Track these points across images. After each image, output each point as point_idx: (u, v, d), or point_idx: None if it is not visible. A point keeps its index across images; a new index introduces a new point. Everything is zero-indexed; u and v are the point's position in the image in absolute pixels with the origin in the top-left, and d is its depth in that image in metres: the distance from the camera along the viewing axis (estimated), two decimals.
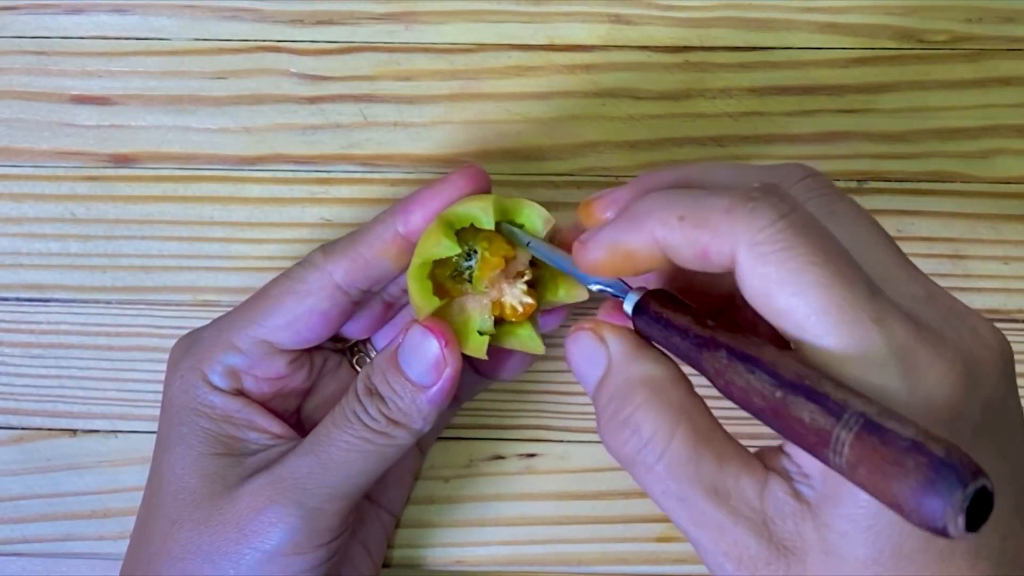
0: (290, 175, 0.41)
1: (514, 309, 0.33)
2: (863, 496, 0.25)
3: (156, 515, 0.34)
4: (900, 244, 0.40)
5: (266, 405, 0.35)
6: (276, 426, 0.34)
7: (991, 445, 0.26)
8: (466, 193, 0.33)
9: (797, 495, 0.26)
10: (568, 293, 0.34)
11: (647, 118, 0.40)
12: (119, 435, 0.41)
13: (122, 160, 0.41)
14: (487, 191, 0.34)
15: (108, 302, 0.41)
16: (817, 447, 0.24)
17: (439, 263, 0.33)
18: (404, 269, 0.34)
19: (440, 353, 0.32)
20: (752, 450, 0.28)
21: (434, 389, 0.32)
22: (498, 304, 0.33)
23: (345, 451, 0.32)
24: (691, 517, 0.27)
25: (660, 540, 0.40)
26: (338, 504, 0.32)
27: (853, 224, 0.29)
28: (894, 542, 0.25)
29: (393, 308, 0.37)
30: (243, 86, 0.41)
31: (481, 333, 0.33)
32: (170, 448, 0.34)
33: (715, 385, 0.27)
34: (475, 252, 0.33)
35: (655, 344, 0.30)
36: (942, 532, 0.22)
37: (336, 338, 0.36)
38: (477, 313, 0.33)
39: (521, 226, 0.33)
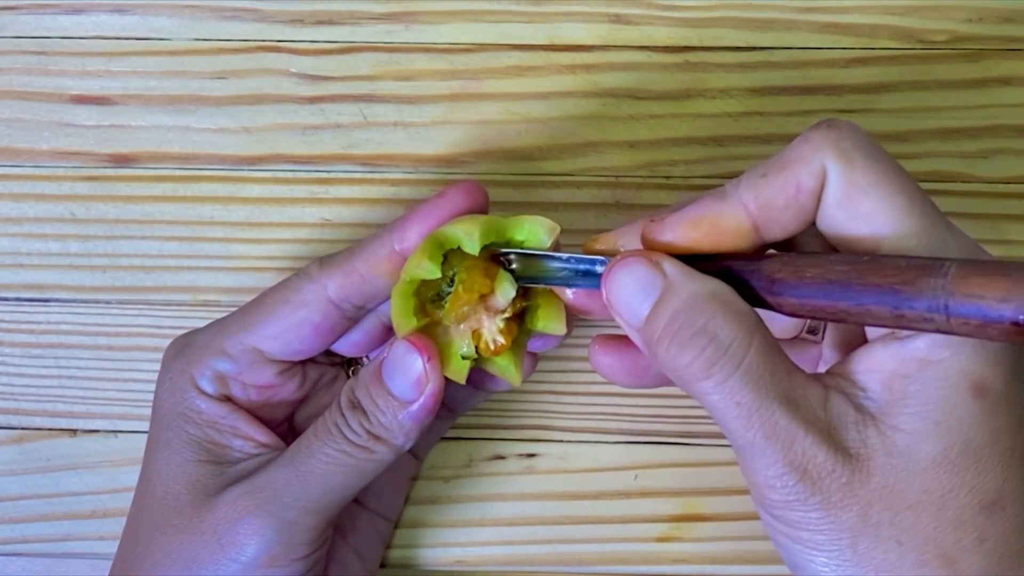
0: (290, 175, 0.41)
1: (487, 345, 0.32)
2: (937, 391, 0.26)
3: (142, 518, 0.34)
4: None
5: (254, 413, 0.35)
6: (261, 434, 0.34)
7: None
8: (463, 210, 0.33)
9: (858, 406, 0.27)
10: (546, 325, 0.33)
11: (647, 118, 0.40)
12: (119, 435, 0.41)
13: (122, 160, 0.41)
14: (484, 206, 0.33)
15: (108, 302, 0.41)
16: (917, 279, 0.25)
17: (427, 283, 0.32)
18: None
19: (423, 369, 0.31)
20: None
21: (416, 406, 0.32)
22: (477, 334, 0.32)
23: (325, 464, 0.32)
24: (764, 428, 0.27)
25: (660, 540, 0.40)
26: (315, 518, 0.32)
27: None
28: (964, 437, 0.26)
29: (391, 329, 0.36)
30: (243, 86, 0.41)
31: (463, 358, 0.33)
32: (157, 452, 0.34)
33: (774, 286, 0.28)
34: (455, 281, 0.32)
35: None
36: None
37: (333, 353, 0.36)
38: (459, 337, 0.33)
39: (521, 243, 0.32)
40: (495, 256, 0.32)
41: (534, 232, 0.32)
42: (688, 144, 0.40)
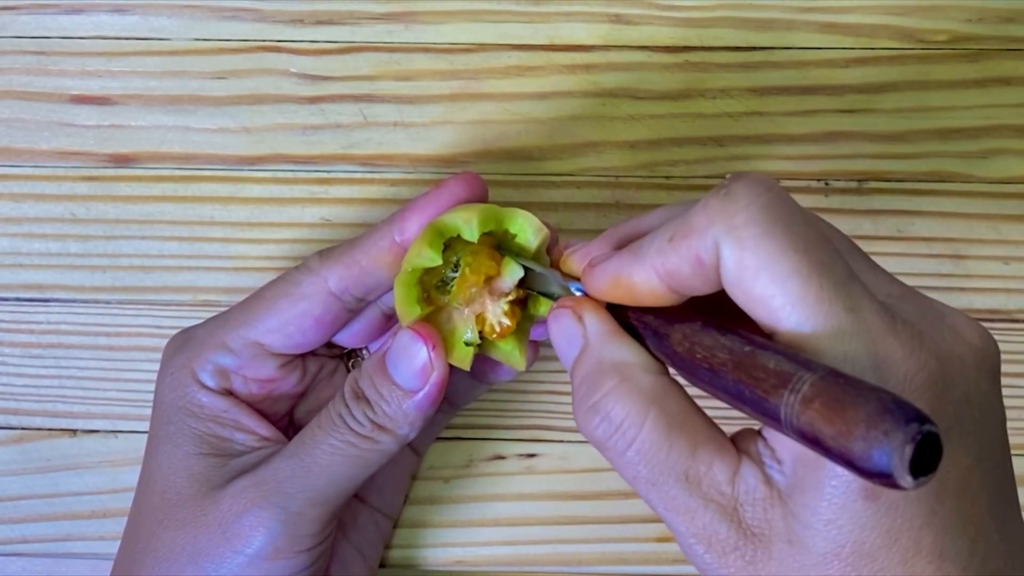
0: (290, 175, 0.41)
1: (492, 328, 0.33)
2: (828, 488, 0.25)
3: (144, 514, 0.34)
4: (900, 244, 0.40)
5: (256, 407, 0.35)
6: (263, 428, 0.34)
7: (964, 445, 0.26)
8: (461, 200, 0.33)
9: (768, 481, 0.26)
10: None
11: (647, 118, 0.40)
12: (119, 435, 0.41)
13: (122, 160, 0.41)
14: (483, 198, 0.34)
15: (108, 302, 0.41)
16: (774, 389, 0.24)
17: (429, 271, 0.32)
18: None
19: (427, 358, 0.32)
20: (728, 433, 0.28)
21: (421, 394, 0.32)
22: (481, 318, 0.33)
23: (329, 455, 0.32)
24: (663, 501, 0.27)
25: (660, 540, 0.40)
26: (320, 509, 0.32)
27: (825, 225, 0.29)
28: (856, 538, 0.25)
29: (392, 319, 0.37)
30: (243, 86, 0.41)
31: (467, 344, 0.33)
32: (159, 447, 0.34)
33: (675, 358, 0.27)
34: (459, 265, 0.32)
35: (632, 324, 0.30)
36: (888, 478, 0.21)
37: (333, 345, 0.36)
38: (463, 324, 0.33)
39: (514, 236, 0.33)
40: (497, 245, 0.33)
41: (523, 229, 0.33)
42: (688, 144, 0.40)
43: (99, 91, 0.41)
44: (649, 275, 0.28)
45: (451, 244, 0.32)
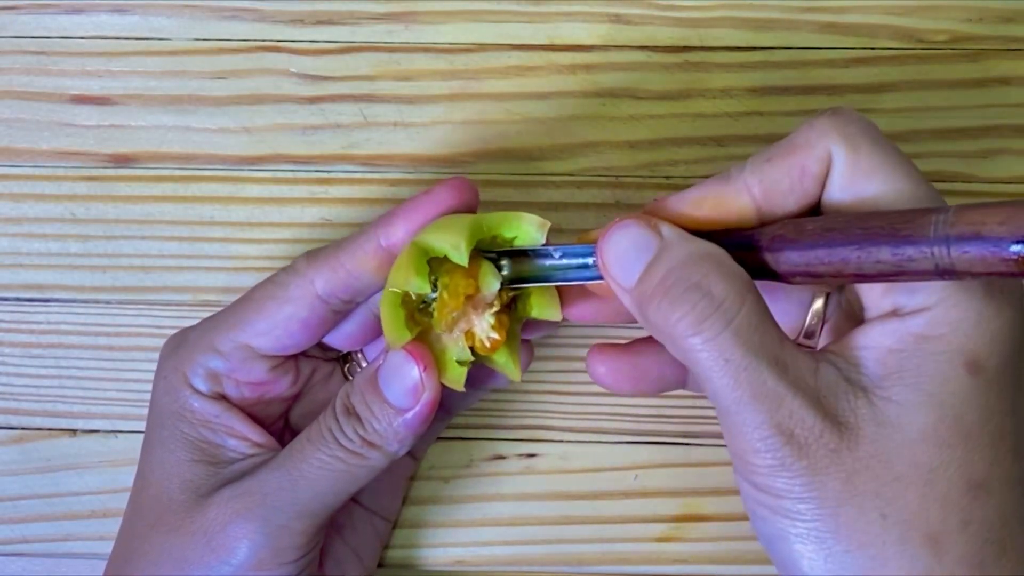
0: (290, 175, 0.41)
1: (482, 343, 0.32)
2: (933, 363, 0.27)
3: (138, 515, 0.34)
4: None
5: (249, 411, 0.35)
6: (256, 434, 0.34)
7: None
8: (451, 208, 0.33)
9: (849, 379, 0.27)
10: (540, 311, 0.33)
11: (647, 118, 0.40)
12: (119, 435, 0.41)
13: (122, 160, 0.41)
14: (474, 205, 0.33)
15: (108, 302, 0.41)
16: (913, 223, 0.25)
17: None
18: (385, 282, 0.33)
19: (419, 379, 0.31)
20: None
21: (411, 414, 0.31)
22: (470, 335, 0.32)
23: (317, 468, 0.32)
24: (751, 387, 0.27)
25: (660, 540, 0.40)
26: (305, 523, 0.32)
27: None
28: (955, 412, 0.27)
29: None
30: (243, 86, 0.41)
31: (459, 363, 0.32)
32: (152, 450, 0.34)
33: (769, 250, 0.28)
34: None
35: None
36: None
37: (327, 347, 0.36)
38: (452, 343, 0.32)
39: (511, 240, 0.32)
40: (481, 251, 0.32)
41: (526, 231, 0.32)
42: (688, 144, 0.40)
43: (99, 91, 0.41)
44: (740, 193, 0.29)
45: (431, 262, 0.32)
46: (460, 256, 0.31)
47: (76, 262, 0.41)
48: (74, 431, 0.41)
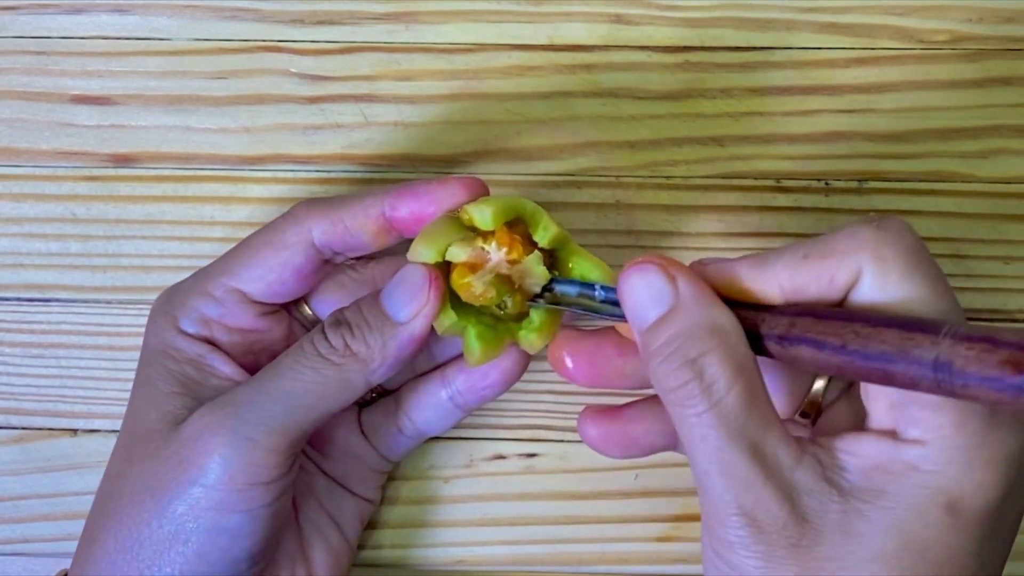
0: (290, 175, 0.41)
1: (523, 290, 0.33)
2: (913, 494, 0.27)
3: (116, 453, 0.34)
4: None
5: (240, 361, 0.35)
6: (239, 374, 0.34)
7: (1019, 498, 0.28)
8: (462, 201, 0.33)
9: (828, 479, 0.28)
10: (530, 335, 0.34)
11: (647, 118, 0.40)
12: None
13: (122, 160, 0.41)
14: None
15: (108, 302, 0.41)
16: (918, 338, 0.25)
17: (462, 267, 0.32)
18: (380, 247, 0.34)
19: (425, 291, 0.32)
20: None
21: (404, 330, 0.32)
22: (499, 281, 0.33)
23: (291, 381, 0.32)
24: (722, 467, 0.28)
25: (660, 540, 0.40)
26: (275, 439, 0.32)
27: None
28: (921, 545, 0.27)
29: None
30: (243, 86, 0.41)
31: (500, 308, 0.33)
32: (136, 390, 0.34)
33: (781, 338, 0.28)
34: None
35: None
36: None
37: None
38: (479, 281, 0.32)
39: (571, 269, 0.33)
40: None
41: (589, 271, 0.33)
42: (688, 144, 0.40)
43: (99, 91, 0.41)
44: (770, 285, 0.29)
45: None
46: (545, 234, 0.33)
47: (77, 262, 0.41)
48: (75, 431, 0.41)
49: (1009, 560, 0.29)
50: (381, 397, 0.38)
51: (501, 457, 0.41)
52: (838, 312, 0.28)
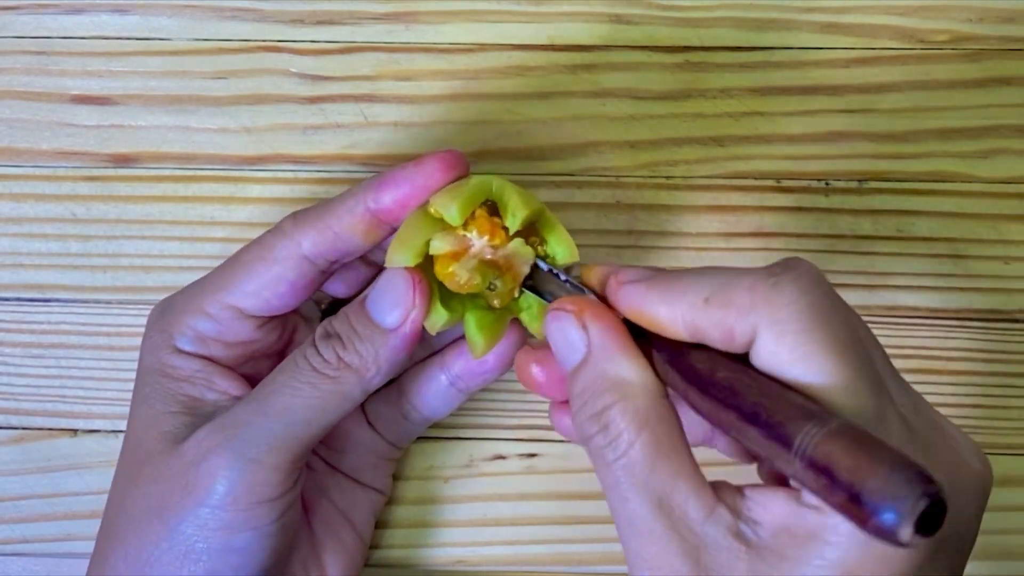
0: (290, 175, 0.41)
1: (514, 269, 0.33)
2: (816, 564, 0.25)
3: (119, 475, 0.34)
4: (900, 244, 0.40)
5: (236, 369, 0.35)
6: (237, 388, 0.34)
7: (940, 564, 0.27)
8: (440, 182, 0.33)
9: (739, 535, 0.27)
10: (558, 251, 0.33)
11: (647, 118, 0.40)
12: (119, 435, 0.41)
13: (122, 160, 0.41)
14: (464, 176, 0.33)
15: (108, 302, 0.41)
16: (796, 419, 0.25)
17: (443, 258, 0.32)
18: (373, 244, 0.34)
19: (411, 296, 0.32)
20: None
21: (395, 336, 0.32)
22: (484, 266, 0.32)
23: (288, 397, 0.32)
24: (629, 518, 0.27)
25: None
26: (278, 456, 0.32)
27: (858, 322, 0.29)
28: None
29: (376, 268, 0.37)
30: (243, 86, 0.41)
31: (491, 289, 0.33)
32: (134, 409, 0.34)
33: (689, 372, 0.28)
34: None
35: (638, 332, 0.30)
36: (891, 526, 0.22)
37: (318, 302, 0.37)
38: (463, 269, 0.32)
39: (543, 242, 0.33)
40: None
41: (560, 248, 0.33)
42: (688, 144, 0.40)
43: (100, 91, 0.41)
44: (674, 321, 0.28)
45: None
46: (514, 219, 0.32)
47: (77, 262, 0.41)
48: (74, 431, 0.41)
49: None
50: (384, 386, 0.38)
51: (501, 457, 0.41)
52: (715, 378, 0.27)
